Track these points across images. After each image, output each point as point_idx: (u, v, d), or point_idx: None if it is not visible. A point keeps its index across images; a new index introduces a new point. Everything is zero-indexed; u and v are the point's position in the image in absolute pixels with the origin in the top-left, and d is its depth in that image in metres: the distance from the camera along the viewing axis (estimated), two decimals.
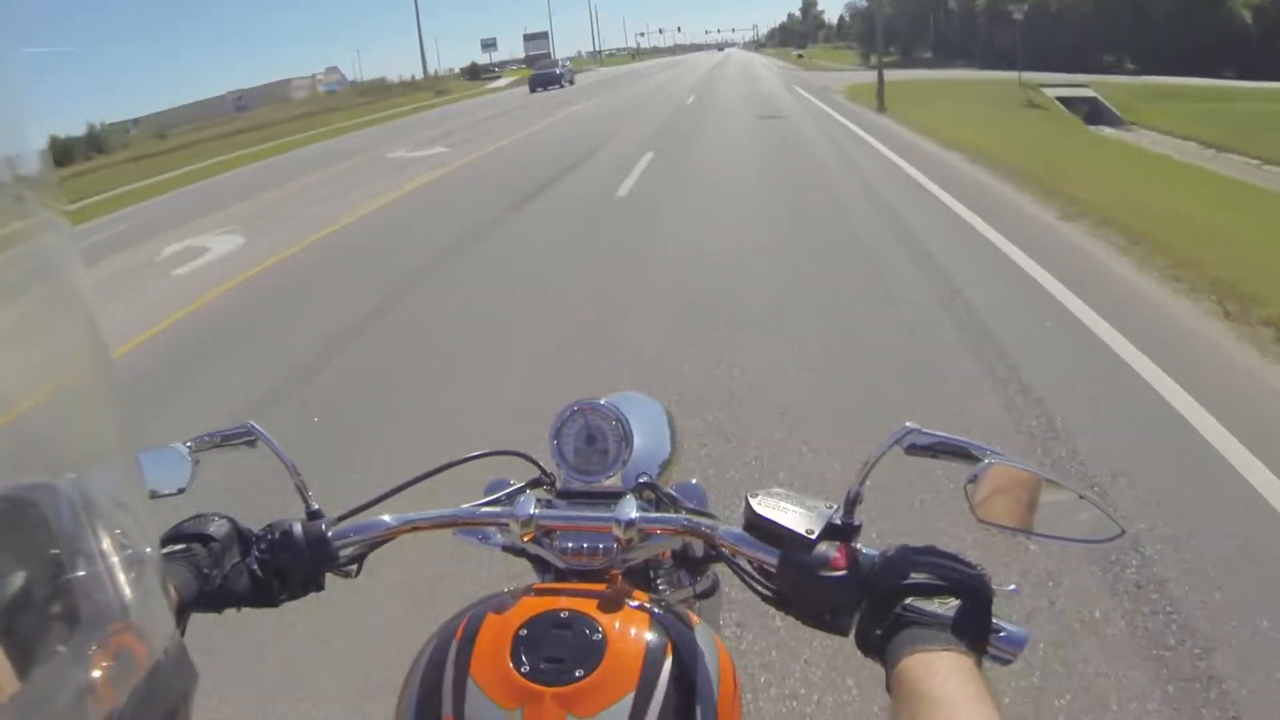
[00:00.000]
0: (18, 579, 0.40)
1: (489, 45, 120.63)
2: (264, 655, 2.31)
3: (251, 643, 2.31)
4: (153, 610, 0.45)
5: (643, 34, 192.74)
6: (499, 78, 74.54)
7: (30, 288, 0.42)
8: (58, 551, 0.41)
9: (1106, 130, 20.59)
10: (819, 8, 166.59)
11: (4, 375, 0.39)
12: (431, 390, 4.26)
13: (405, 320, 5.59)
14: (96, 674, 0.41)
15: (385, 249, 7.99)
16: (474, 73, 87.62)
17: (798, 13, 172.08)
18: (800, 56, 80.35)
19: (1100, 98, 26.09)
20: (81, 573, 0.41)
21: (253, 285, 7.23)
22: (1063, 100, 24.84)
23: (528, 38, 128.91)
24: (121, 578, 0.43)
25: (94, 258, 9.88)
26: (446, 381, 4.35)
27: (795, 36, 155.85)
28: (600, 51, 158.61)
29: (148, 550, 0.46)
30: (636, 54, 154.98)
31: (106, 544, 0.43)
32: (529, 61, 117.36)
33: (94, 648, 0.41)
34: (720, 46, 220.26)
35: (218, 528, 0.82)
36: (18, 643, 0.38)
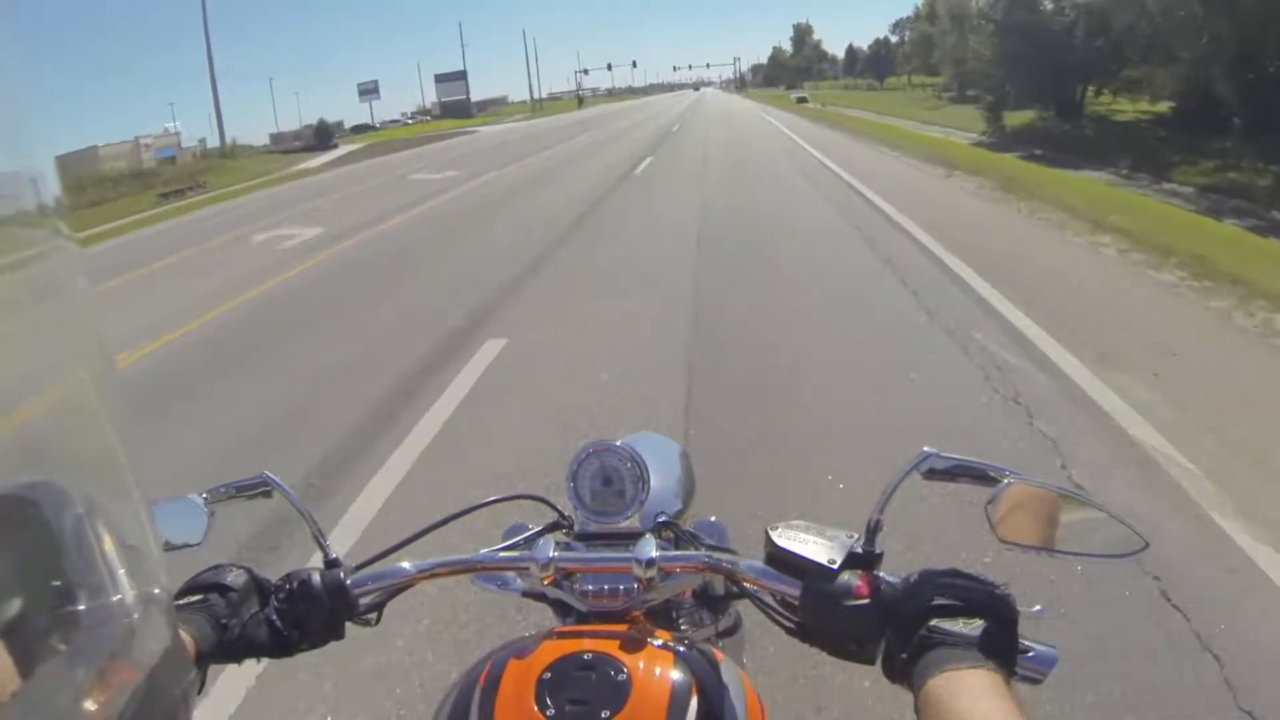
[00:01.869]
0: (18, 579, 0.40)
1: (368, 92, 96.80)
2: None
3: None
4: (153, 611, 0.45)
5: (586, 71, 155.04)
6: (336, 146, 54.73)
7: (38, 307, 0.43)
8: (58, 551, 0.41)
9: None
10: (815, 36, 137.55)
11: (8, 393, 0.39)
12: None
13: None
14: (97, 675, 0.40)
15: None
16: (323, 134, 62.99)
17: (786, 44, 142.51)
18: (802, 101, 59.66)
19: None
20: (82, 573, 0.41)
21: None
22: None
23: (440, 80, 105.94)
24: (122, 578, 0.43)
25: None
26: None
27: (786, 73, 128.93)
28: (539, 99, 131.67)
29: (148, 556, 0.46)
30: (581, 100, 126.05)
31: (107, 544, 0.43)
32: (444, 109, 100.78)
33: (94, 649, 0.41)
34: (696, 86, 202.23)
35: (235, 578, 0.82)
36: (18, 643, 0.38)
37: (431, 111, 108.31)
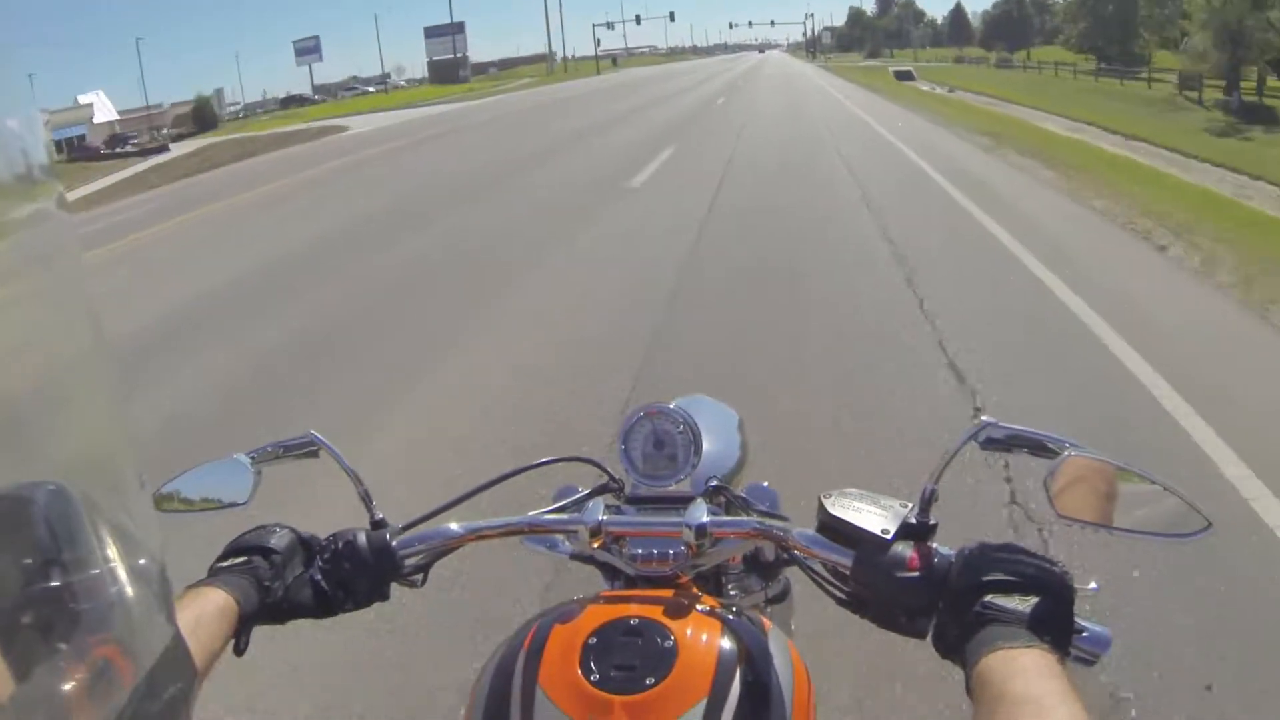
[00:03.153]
0: (17, 578, 0.39)
1: (307, 52, 75.08)
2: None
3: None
4: (153, 609, 0.45)
5: (610, 25, 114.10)
6: (165, 149, 38.81)
7: (29, 283, 0.42)
8: (57, 550, 0.41)
9: None
10: None
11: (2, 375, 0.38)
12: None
13: None
14: (96, 674, 0.40)
15: None
16: (202, 117, 51.30)
17: (869, 3, 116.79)
18: (905, 78, 35.70)
19: None
20: (81, 572, 0.41)
21: None
22: None
23: (431, 34, 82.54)
24: (122, 576, 0.43)
25: None
26: None
27: (869, 37, 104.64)
28: (565, 59, 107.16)
29: (148, 553, 0.46)
30: (615, 61, 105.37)
31: (107, 542, 0.43)
32: (434, 72, 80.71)
33: (94, 647, 0.41)
34: (761, 48, 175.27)
35: (279, 539, 0.83)
36: (17, 642, 0.38)
37: (405, 76, 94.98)
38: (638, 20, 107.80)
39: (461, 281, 6.46)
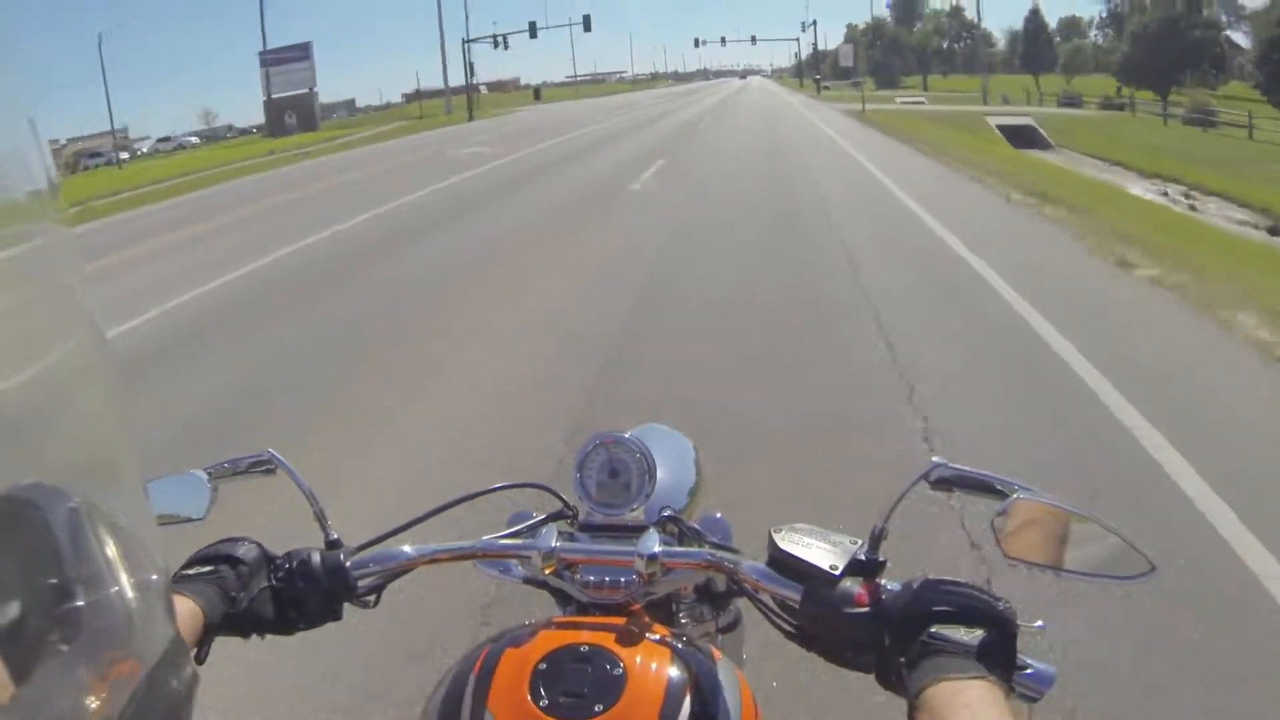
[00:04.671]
0: (17, 581, 0.39)
1: None
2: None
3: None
4: (154, 611, 0.45)
5: (500, 42, 60.04)
6: None
7: (30, 295, 0.42)
8: (58, 553, 0.41)
9: None
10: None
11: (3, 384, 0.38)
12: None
13: None
14: (97, 676, 0.40)
15: None
16: None
17: (873, 11, 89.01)
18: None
19: None
20: (82, 574, 0.41)
21: None
22: None
23: (269, 61, 54.72)
24: (123, 578, 0.43)
25: None
26: None
27: (895, 58, 72.47)
28: (475, 86, 60.18)
29: (149, 554, 0.46)
30: (538, 94, 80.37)
31: (106, 542, 0.43)
32: (274, 116, 53.13)
33: (94, 650, 0.41)
34: (743, 74, 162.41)
35: (245, 551, 0.83)
36: (17, 645, 0.38)
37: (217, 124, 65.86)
38: (532, 31, 58.88)
39: None
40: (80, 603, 0.40)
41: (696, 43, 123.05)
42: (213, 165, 31.12)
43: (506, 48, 62.20)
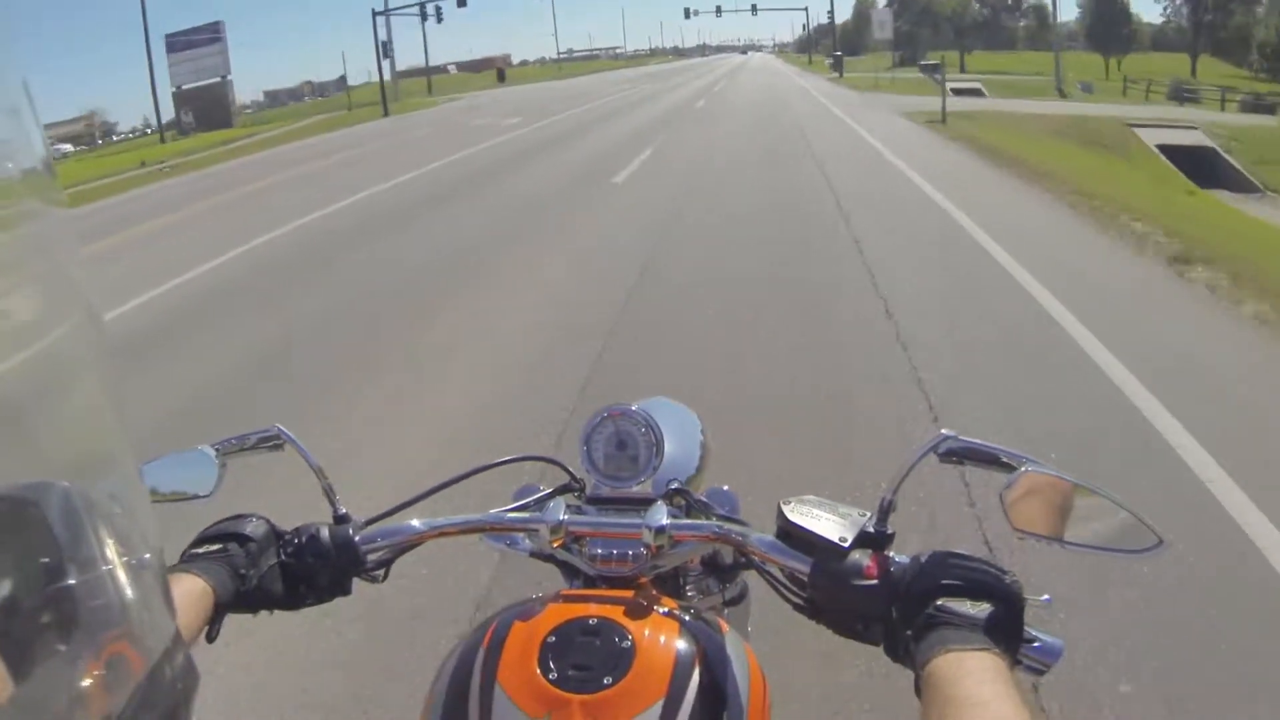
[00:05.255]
0: (16, 579, 0.39)
1: None
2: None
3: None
4: (154, 610, 0.45)
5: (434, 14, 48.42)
6: None
7: (25, 279, 0.41)
8: (57, 552, 0.40)
9: None
10: None
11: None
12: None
13: None
14: (96, 675, 0.40)
15: None
16: None
17: None
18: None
19: None
20: (81, 574, 0.41)
21: None
22: None
23: (174, 46, 46.83)
24: (123, 578, 0.42)
25: None
26: None
27: (925, 31, 56.53)
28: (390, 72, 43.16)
29: (149, 552, 0.46)
30: (502, 76, 70.13)
31: (108, 544, 0.42)
32: (181, 106, 45.03)
33: (94, 648, 0.41)
34: (744, 49, 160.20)
35: (254, 528, 0.83)
36: (16, 644, 0.38)
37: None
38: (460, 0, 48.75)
39: None
40: (81, 603, 0.40)
41: (687, 13, 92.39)
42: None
43: (440, 20, 52.06)
